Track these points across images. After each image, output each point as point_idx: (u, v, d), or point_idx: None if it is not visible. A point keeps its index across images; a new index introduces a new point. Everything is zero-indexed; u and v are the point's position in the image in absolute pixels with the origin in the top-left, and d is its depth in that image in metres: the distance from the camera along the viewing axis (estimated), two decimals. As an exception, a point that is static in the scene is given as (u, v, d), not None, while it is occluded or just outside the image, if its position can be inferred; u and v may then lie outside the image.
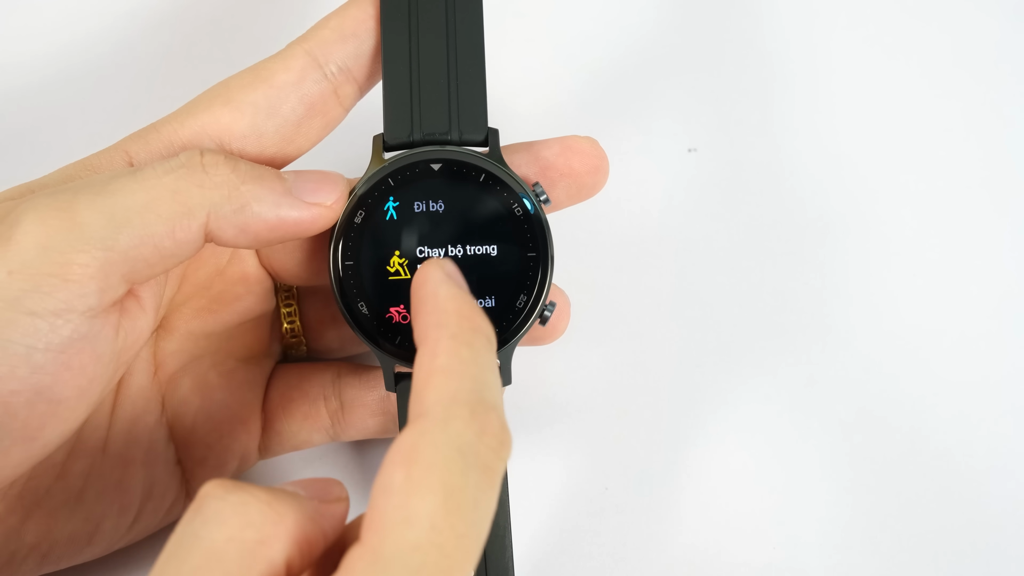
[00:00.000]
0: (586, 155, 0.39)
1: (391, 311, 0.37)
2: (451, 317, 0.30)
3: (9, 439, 0.31)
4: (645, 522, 0.43)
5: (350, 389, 0.41)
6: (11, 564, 0.35)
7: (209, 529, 0.27)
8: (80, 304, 0.31)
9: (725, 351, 0.46)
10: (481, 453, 0.28)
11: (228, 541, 0.27)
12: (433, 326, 0.30)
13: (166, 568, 0.27)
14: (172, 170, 0.32)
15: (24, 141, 0.48)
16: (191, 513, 0.27)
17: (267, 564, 0.27)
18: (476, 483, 0.27)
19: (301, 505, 0.28)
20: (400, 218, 0.37)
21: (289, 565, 0.28)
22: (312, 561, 0.29)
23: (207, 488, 0.28)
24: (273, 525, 0.27)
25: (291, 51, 0.36)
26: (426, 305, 0.31)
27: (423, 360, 0.29)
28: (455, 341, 0.29)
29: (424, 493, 0.26)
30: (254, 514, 0.27)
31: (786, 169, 0.49)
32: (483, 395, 0.28)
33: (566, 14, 0.52)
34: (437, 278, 0.31)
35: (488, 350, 0.30)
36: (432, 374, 0.29)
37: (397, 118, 0.37)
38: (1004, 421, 0.45)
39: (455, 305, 0.30)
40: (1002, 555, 0.43)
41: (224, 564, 0.26)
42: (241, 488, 0.28)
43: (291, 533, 0.27)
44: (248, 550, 0.27)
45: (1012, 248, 0.48)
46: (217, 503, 0.27)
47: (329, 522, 0.29)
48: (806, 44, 0.52)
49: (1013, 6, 0.52)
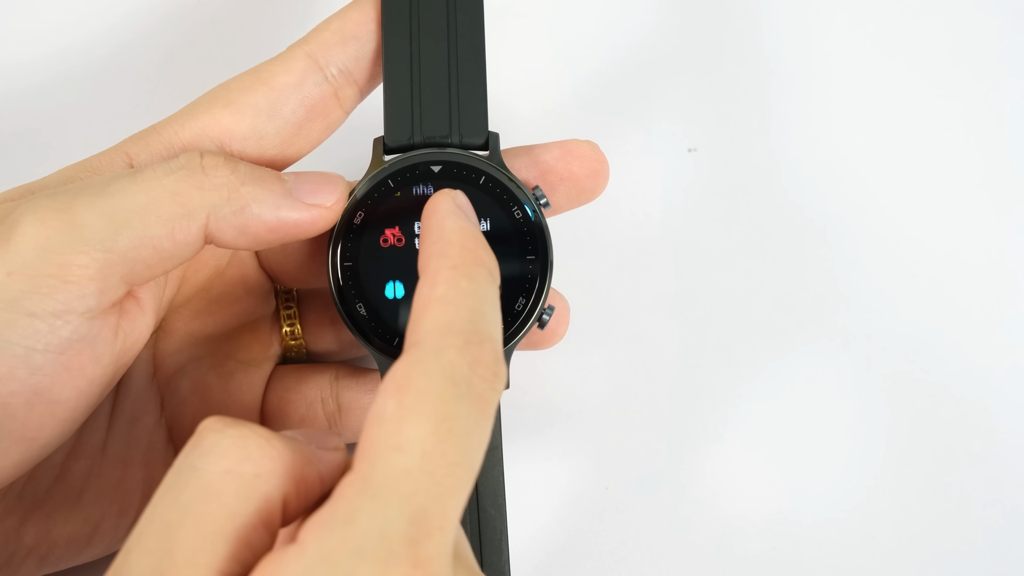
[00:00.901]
0: (586, 159, 0.39)
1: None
2: (454, 248, 0.30)
3: (8, 440, 0.31)
4: (645, 522, 0.43)
5: (347, 392, 0.41)
6: (10, 565, 0.35)
7: (207, 461, 0.27)
8: (79, 305, 0.31)
9: (725, 351, 0.46)
10: (474, 383, 0.28)
11: (226, 473, 0.27)
12: (435, 255, 0.30)
13: (163, 499, 0.27)
14: (172, 172, 0.32)
15: (24, 142, 0.48)
16: (189, 446, 0.27)
17: (263, 498, 0.27)
18: (468, 412, 0.27)
19: (299, 446, 0.28)
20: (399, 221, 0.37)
21: (285, 503, 0.28)
22: (309, 503, 0.29)
23: (206, 423, 0.28)
24: (271, 460, 0.27)
25: (292, 53, 0.36)
26: (431, 234, 0.31)
27: (422, 289, 0.29)
28: (455, 272, 0.29)
29: (416, 420, 0.26)
30: (252, 448, 0.27)
31: (786, 169, 0.49)
32: (479, 326, 0.29)
33: (566, 14, 0.52)
34: (446, 208, 0.31)
35: (489, 283, 0.30)
36: (429, 303, 0.29)
37: (398, 121, 0.37)
38: (1005, 421, 0.45)
39: (459, 236, 0.30)
40: (1003, 556, 0.43)
41: (221, 496, 0.26)
42: (240, 423, 0.28)
43: (288, 470, 0.27)
44: (245, 483, 0.27)
45: (1012, 248, 0.48)
46: (215, 436, 0.27)
47: (326, 467, 0.29)
48: (806, 44, 0.52)
49: (1013, 6, 0.52)
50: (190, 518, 0.26)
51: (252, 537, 0.27)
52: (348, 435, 0.41)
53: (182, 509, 0.26)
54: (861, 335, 0.47)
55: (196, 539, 0.26)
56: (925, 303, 0.47)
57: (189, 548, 0.26)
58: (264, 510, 0.27)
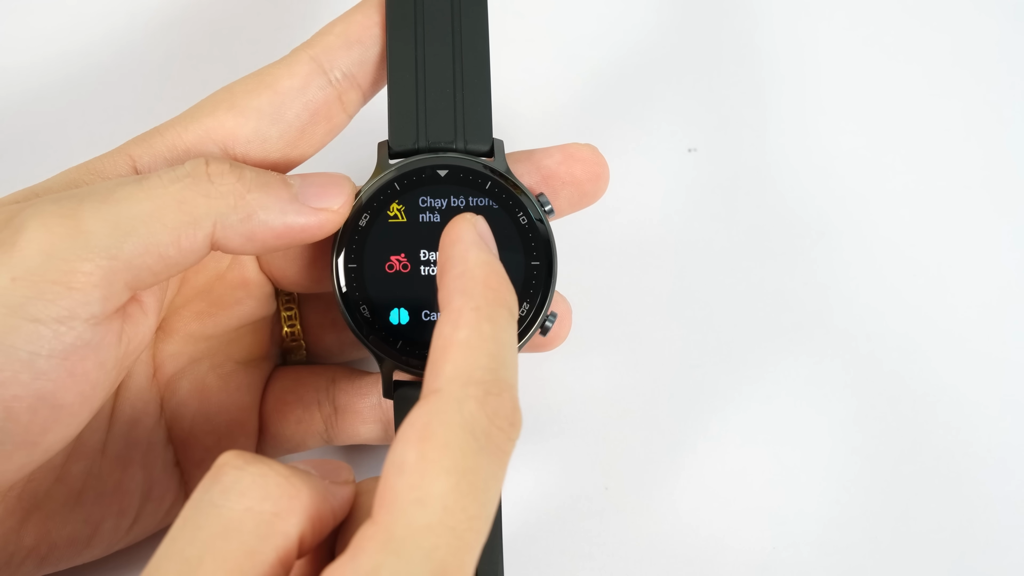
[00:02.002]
0: (587, 163, 0.39)
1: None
2: (478, 286, 0.30)
3: (11, 444, 0.31)
4: (645, 522, 0.43)
5: (344, 395, 0.41)
6: (9, 566, 0.35)
7: (227, 498, 0.27)
8: (83, 312, 0.31)
9: (725, 351, 0.46)
10: (492, 435, 0.28)
11: (246, 512, 0.27)
12: (458, 292, 0.30)
13: (181, 534, 0.27)
14: (178, 179, 0.32)
15: (26, 144, 0.48)
16: (208, 481, 0.28)
17: (282, 537, 0.27)
18: (487, 465, 0.28)
19: (314, 483, 0.29)
20: (405, 223, 0.37)
21: (302, 540, 0.28)
22: (322, 539, 0.29)
23: (225, 458, 0.28)
24: (290, 499, 0.28)
25: (296, 57, 0.36)
26: (455, 268, 0.31)
27: (444, 328, 0.29)
28: (478, 314, 0.29)
29: (437, 474, 0.27)
30: (272, 487, 0.27)
31: (786, 169, 0.49)
32: (498, 374, 0.29)
33: (567, 16, 0.52)
34: (469, 239, 0.31)
35: (509, 325, 0.30)
36: (450, 346, 0.29)
37: (402, 125, 0.37)
38: (1005, 420, 0.45)
39: (483, 273, 0.30)
40: (1004, 556, 0.44)
41: (241, 535, 0.27)
42: (260, 460, 0.28)
43: (306, 508, 0.28)
44: (265, 522, 0.27)
45: (1012, 248, 0.48)
46: (236, 473, 0.28)
47: (339, 502, 0.30)
48: (806, 44, 0.52)
49: (1013, 6, 0.52)
50: (210, 555, 0.26)
51: (269, 575, 0.27)
52: (342, 437, 0.41)
53: (202, 545, 0.26)
54: (861, 335, 0.47)
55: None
56: (925, 303, 0.47)
57: None
58: (282, 548, 0.27)
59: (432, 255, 0.37)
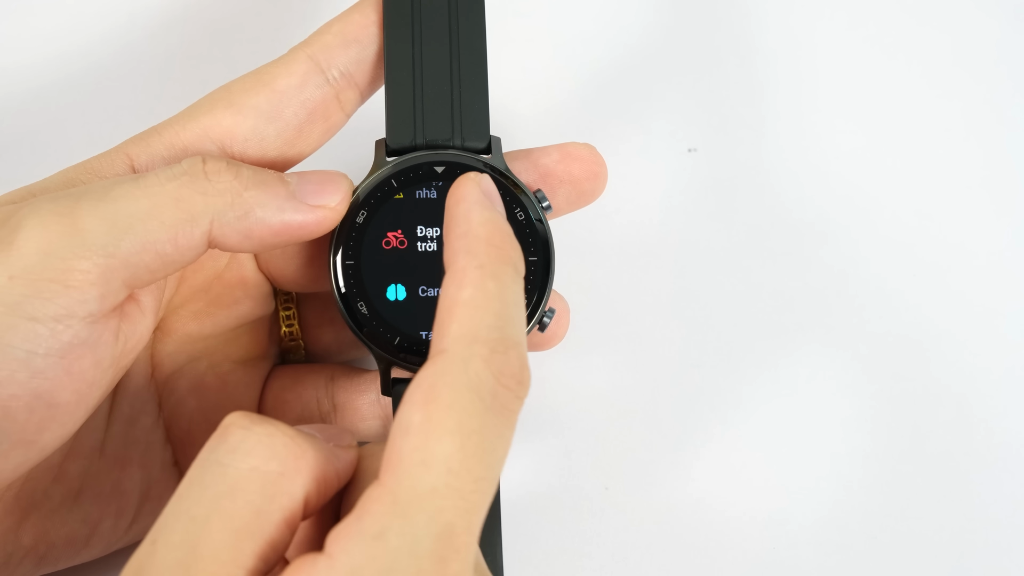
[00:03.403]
0: (585, 162, 0.39)
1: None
2: (481, 244, 0.30)
3: (8, 443, 0.31)
4: (645, 522, 0.43)
5: (342, 392, 0.41)
6: (8, 566, 0.35)
7: (234, 458, 0.27)
8: (81, 310, 0.31)
9: (725, 351, 0.46)
10: (499, 394, 0.28)
11: (252, 471, 0.27)
12: (463, 251, 0.30)
13: (188, 493, 0.27)
14: (175, 177, 0.32)
15: (24, 143, 0.48)
16: (215, 441, 0.28)
17: (288, 497, 0.27)
18: (493, 425, 0.28)
19: (319, 444, 0.29)
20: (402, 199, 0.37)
21: (307, 501, 0.28)
22: (326, 500, 0.29)
23: (232, 418, 0.28)
24: (296, 459, 0.28)
25: (293, 56, 0.36)
26: (459, 227, 0.31)
27: (448, 289, 0.29)
28: (482, 272, 0.29)
29: (442, 435, 0.27)
30: (279, 447, 0.28)
31: (786, 169, 0.49)
32: (505, 332, 0.29)
33: (565, 15, 0.52)
34: (473, 198, 0.31)
35: (515, 283, 0.30)
36: (455, 306, 0.29)
37: (400, 124, 0.37)
38: (1005, 420, 0.45)
39: (487, 231, 0.30)
40: (1004, 556, 0.43)
41: (247, 494, 0.27)
42: (266, 420, 0.28)
43: (312, 469, 0.28)
44: (271, 481, 0.27)
45: (1012, 248, 0.48)
46: (242, 432, 0.28)
47: (343, 465, 0.30)
48: (805, 44, 0.52)
49: (1013, 6, 0.52)
50: (216, 514, 0.26)
51: (275, 535, 0.27)
52: None
53: (208, 504, 0.27)
54: (861, 335, 0.47)
55: (222, 535, 0.26)
56: (925, 303, 0.47)
57: (215, 544, 0.26)
58: (288, 508, 0.27)
59: (429, 231, 0.37)
